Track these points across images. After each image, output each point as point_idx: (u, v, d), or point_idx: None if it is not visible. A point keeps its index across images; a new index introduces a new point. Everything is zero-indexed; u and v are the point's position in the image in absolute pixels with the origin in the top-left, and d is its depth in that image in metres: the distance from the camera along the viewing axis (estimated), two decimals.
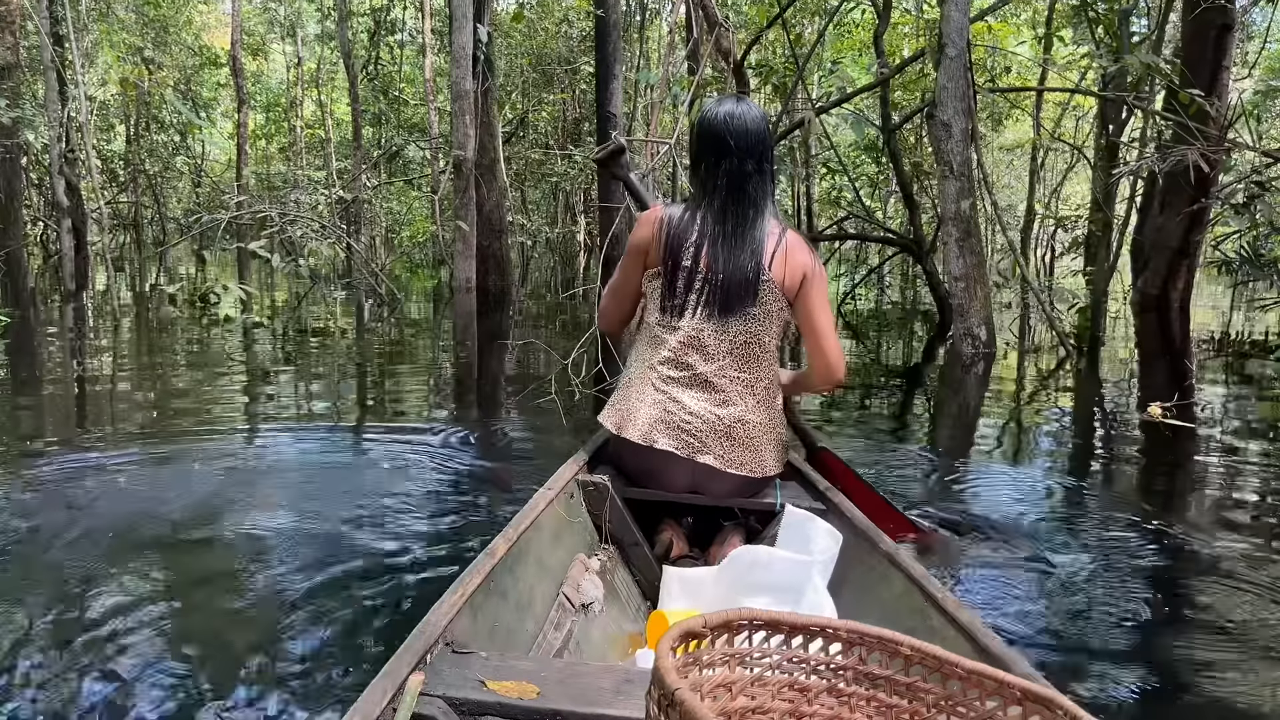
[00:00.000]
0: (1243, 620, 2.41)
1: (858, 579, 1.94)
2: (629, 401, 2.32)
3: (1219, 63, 9.44)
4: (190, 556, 2.78)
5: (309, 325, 8.52)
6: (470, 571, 1.62)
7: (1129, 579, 2.68)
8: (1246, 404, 5.62)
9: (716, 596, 1.90)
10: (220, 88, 27.94)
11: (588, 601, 1.97)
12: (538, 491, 2.12)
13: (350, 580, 2.55)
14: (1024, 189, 20.85)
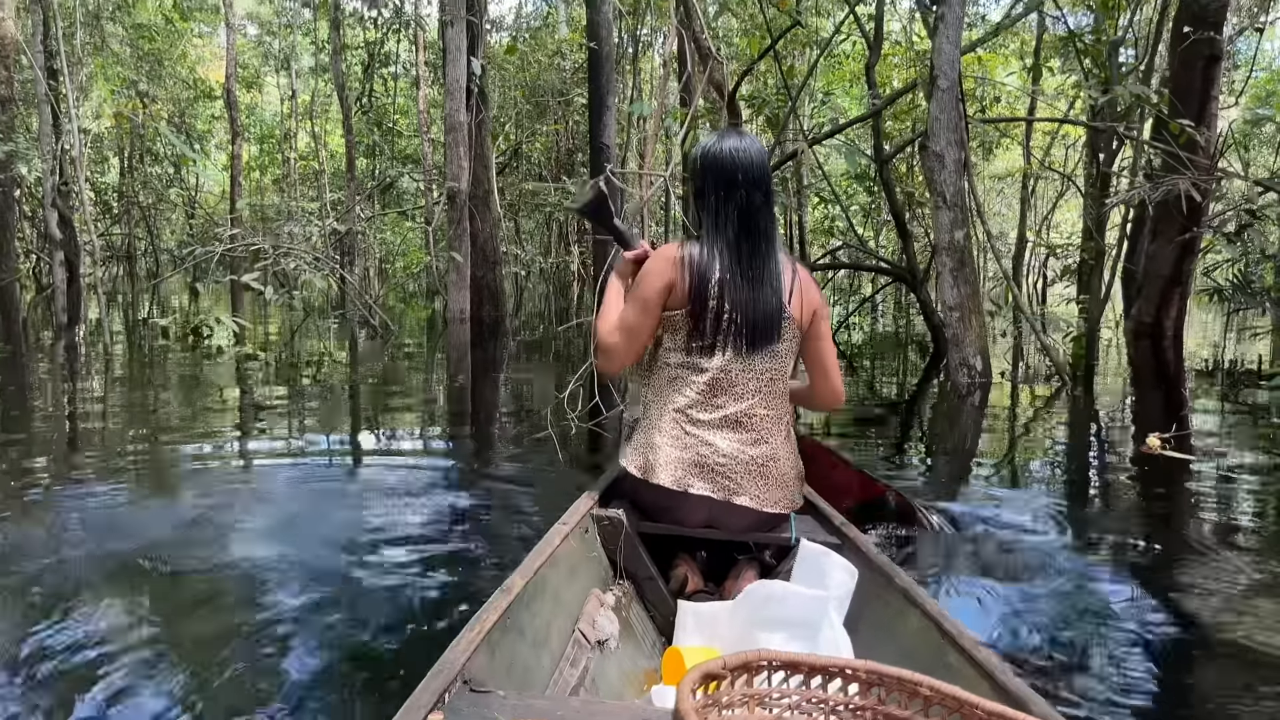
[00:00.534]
0: (1239, 651, 2.38)
1: (874, 615, 1.93)
2: (654, 446, 2.27)
3: (1207, 93, 9.52)
4: (185, 591, 2.74)
5: (302, 357, 8.49)
6: (487, 609, 1.63)
7: (1124, 605, 2.66)
8: (1242, 433, 5.61)
9: (732, 632, 1.89)
10: (215, 120, 28.09)
11: (603, 638, 1.96)
12: (553, 527, 2.12)
13: (349, 615, 2.52)
14: (1015, 216, 21.00)
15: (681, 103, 13.20)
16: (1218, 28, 9.22)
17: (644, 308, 2.26)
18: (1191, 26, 8.87)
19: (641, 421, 2.35)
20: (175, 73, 23.39)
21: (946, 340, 7.26)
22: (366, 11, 19.38)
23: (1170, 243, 9.71)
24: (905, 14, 18.04)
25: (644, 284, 2.25)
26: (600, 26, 12.86)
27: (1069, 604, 2.72)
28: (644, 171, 5.75)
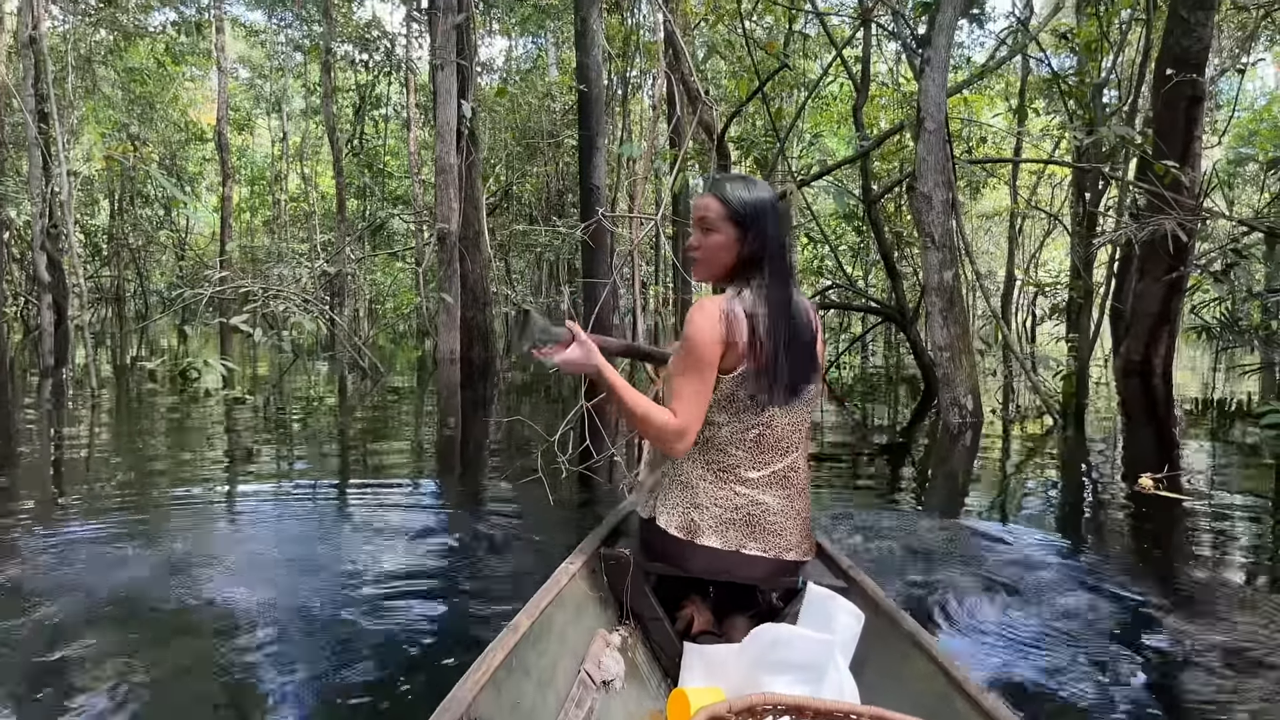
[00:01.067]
0: (1232, 693, 2.35)
1: (880, 659, 1.92)
2: (699, 506, 2.15)
3: (1190, 133, 9.63)
4: (173, 635, 2.71)
5: (291, 399, 8.43)
6: (493, 647, 1.64)
7: (1112, 641, 2.62)
8: (1234, 472, 5.60)
9: (738, 675, 1.88)
10: (206, 162, 28.18)
11: (609, 678, 1.96)
12: (560, 566, 2.12)
13: (341, 656, 2.52)
14: (1003, 255, 21.13)
15: (671, 144, 13.30)
16: (1199, 69, 9.36)
17: (705, 373, 2.09)
18: (1174, 68, 9.00)
19: (674, 479, 2.21)
20: (167, 115, 23.50)
21: (937, 379, 7.26)
22: (358, 55, 19.56)
23: (1157, 281, 9.77)
24: (891, 56, 18.29)
25: (700, 349, 2.07)
26: (590, 69, 12.97)
27: (1066, 644, 2.68)
28: (634, 214, 5.76)
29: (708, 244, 2.21)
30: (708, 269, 2.24)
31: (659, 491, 2.23)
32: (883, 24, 10.79)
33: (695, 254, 2.24)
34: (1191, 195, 8.31)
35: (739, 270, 2.21)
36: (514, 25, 20.71)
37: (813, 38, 16.86)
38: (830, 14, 12.24)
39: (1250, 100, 22.64)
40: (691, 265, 2.29)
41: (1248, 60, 13.83)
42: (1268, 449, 6.24)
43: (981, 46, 19.01)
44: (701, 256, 2.23)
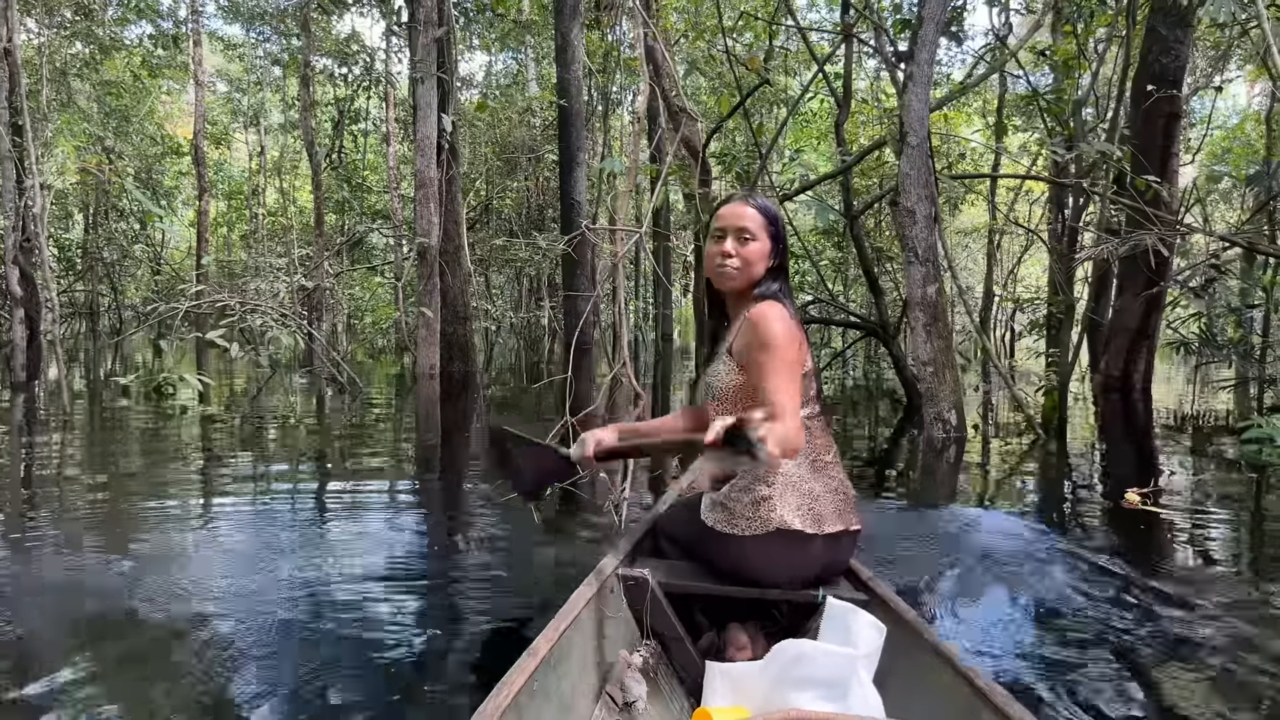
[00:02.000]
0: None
1: (903, 671, 1.90)
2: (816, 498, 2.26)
3: (1168, 149, 9.72)
4: (141, 650, 2.63)
5: (268, 415, 8.31)
6: (513, 672, 1.63)
7: (1104, 655, 2.59)
8: (1217, 487, 5.60)
9: (761, 693, 1.87)
10: (182, 176, 27.97)
11: (632, 700, 1.96)
12: (578, 588, 2.11)
13: (311, 677, 2.43)
14: (981, 270, 21.28)
15: (652, 159, 13.29)
16: (1177, 86, 9.44)
17: (796, 371, 2.17)
18: (1153, 85, 9.08)
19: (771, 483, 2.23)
20: (142, 129, 23.34)
21: (920, 394, 7.25)
22: (337, 69, 19.49)
23: (1137, 297, 9.82)
24: (871, 72, 18.42)
25: (788, 350, 2.15)
26: (570, 84, 13.00)
27: (1058, 661, 2.65)
28: (617, 227, 5.71)
29: (746, 253, 2.30)
30: (743, 277, 2.32)
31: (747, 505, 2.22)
32: (864, 40, 10.84)
33: (730, 262, 2.30)
34: (1170, 211, 8.37)
35: (764, 279, 2.31)
36: (494, 40, 20.70)
37: (794, 54, 16.96)
38: (811, 30, 12.29)
39: (1223, 118, 22.96)
40: (721, 275, 2.34)
41: (1221, 78, 14.00)
42: (1248, 464, 6.26)
43: (961, 63, 19.19)
44: (738, 265, 2.30)
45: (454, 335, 12.51)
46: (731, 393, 2.28)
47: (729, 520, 2.23)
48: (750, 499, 2.22)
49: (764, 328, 2.15)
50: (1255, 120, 19.29)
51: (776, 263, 2.34)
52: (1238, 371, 10.45)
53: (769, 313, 2.18)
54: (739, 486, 2.23)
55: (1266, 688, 2.54)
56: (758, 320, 2.17)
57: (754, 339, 2.17)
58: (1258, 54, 11.69)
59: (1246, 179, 9.60)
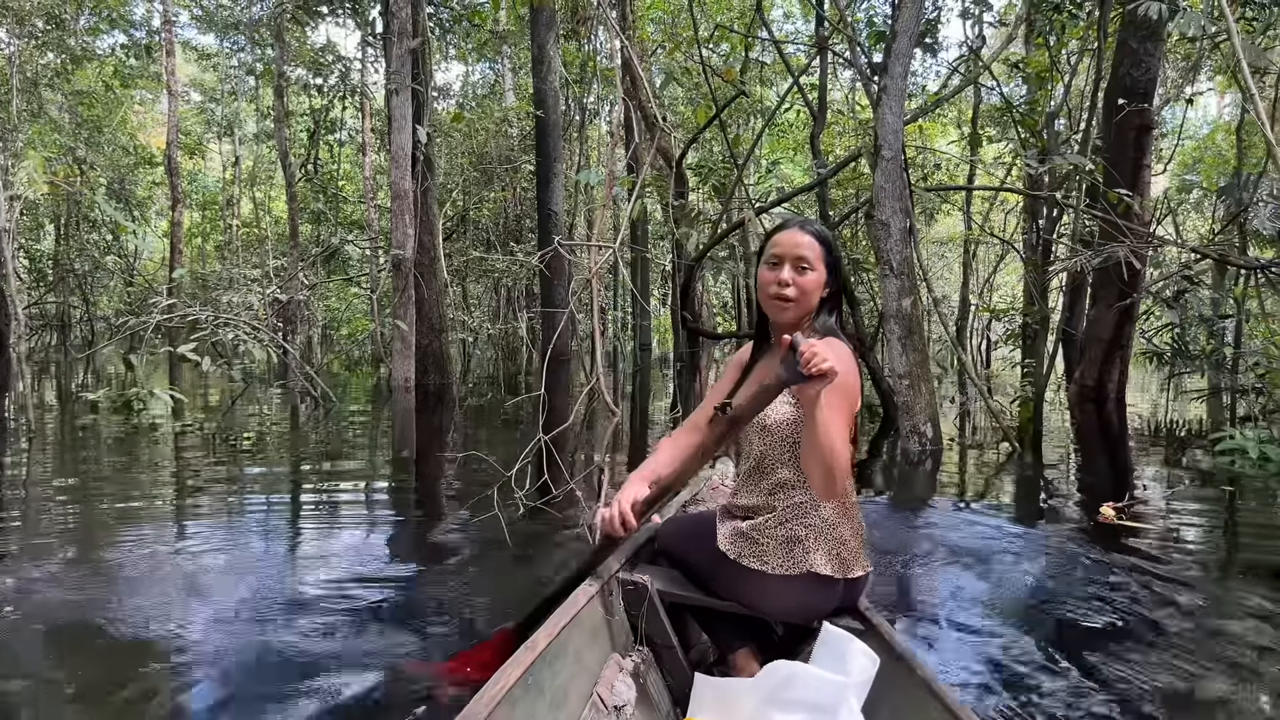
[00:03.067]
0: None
1: (893, 703, 1.91)
2: (843, 542, 2.21)
3: (1139, 161, 9.79)
4: (112, 668, 2.56)
5: (241, 429, 8.21)
6: (510, 665, 1.68)
7: (1075, 673, 2.57)
8: (1192, 499, 5.62)
9: (748, 710, 1.89)
10: (155, 186, 27.71)
11: (620, 704, 1.99)
12: (579, 587, 2.16)
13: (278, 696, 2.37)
14: (956, 281, 21.39)
15: (629, 170, 13.28)
16: (1148, 98, 9.52)
17: (851, 419, 2.17)
18: (1124, 98, 9.15)
19: (806, 524, 2.18)
20: (115, 139, 23.10)
21: (896, 407, 7.25)
22: (311, 79, 19.38)
23: (1110, 308, 9.88)
24: (846, 83, 18.50)
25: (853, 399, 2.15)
26: (547, 95, 12.98)
27: (1033, 680, 2.63)
28: (592, 243, 5.68)
29: (803, 283, 2.22)
30: (799, 309, 2.24)
31: (780, 543, 2.17)
32: (838, 52, 10.89)
33: (787, 292, 2.22)
34: (1143, 222, 8.43)
35: (819, 309, 2.27)
36: (470, 51, 20.66)
37: (769, 65, 17.01)
38: (786, 42, 12.34)
39: (1194, 129, 23.22)
40: (777, 306, 2.25)
41: (1191, 91, 14.16)
42: (1222, 477, 6.29)
43: (935, 75, 19.32)
44: (797, 295, 2.22)
45: (430, 347, 12.43)
46: (783, 426, 2.19)
47: (757, 555, 2.17)
48: (784, 536, 2.17)
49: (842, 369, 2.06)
50: (1226, 131, 19.52)
51: (831, 292, 2.28)
52: (1210, 381, 10.54)
53: (840, 354, 2.10)
54: (772, 521, 2.18)
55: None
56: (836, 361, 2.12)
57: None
58: (1227, 66, 11.84)
59: (1218, 190, 9.71)
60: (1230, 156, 16.39)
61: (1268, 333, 9.23)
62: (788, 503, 2.19)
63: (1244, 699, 2.62)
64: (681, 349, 15.92)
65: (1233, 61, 6.67)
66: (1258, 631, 3.18)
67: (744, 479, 2.30)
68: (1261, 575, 3.88)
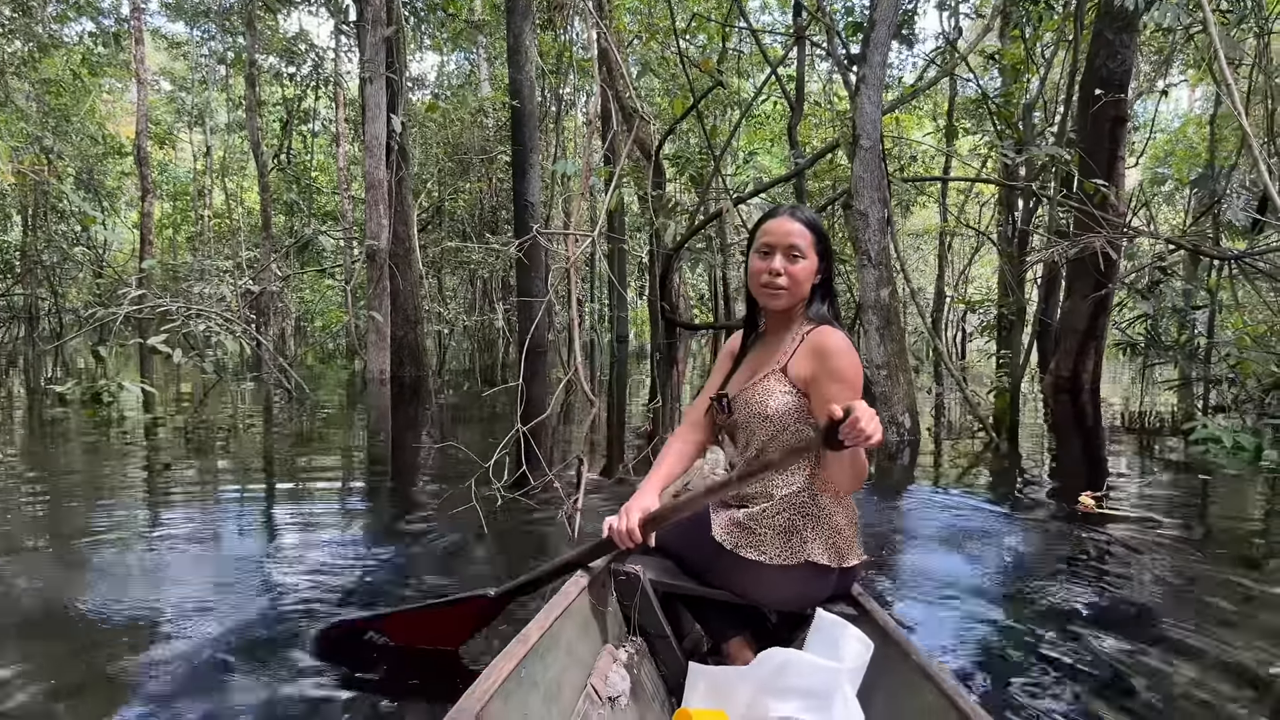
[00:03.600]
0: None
1: (888, 688, 1.91)
2: (839, 532, 2.20)
3: (1114, 152, 9.85)
4: (85, 661, 2.48)
5: (213, 422, 8.10)
6: (503, 657, 1.68)
7: (1060, 665, 2.57)
8: (1167, 487, 5.65)
9: (743, 698, 1.88)
10: (125, 176, 27.32)
11: (614, 694, 1.98)
12: (571, 578, 2.16)
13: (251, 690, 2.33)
14: (932, 272, 21.48)
15: (606, 161, 13.21)
16: (1123, 90, 9.57)
17: None
18: (1099, 89, 9.19)
19: (804, 514, 2.17)
20: (83, 128, 22.74)
21: (874, 397, 7.25)
22: (284, 68, 19.16)
23: (1085, 299, 9.94)
24: (824, 75, 18.51)
25: (858, 387, 2.12)
26: (523, 85, 12.87)
27: (1015, 672, 2.62)
28: (570, 232, 5.63)
29: (795, 271, 2.22)
30: (790, 297, 2.24)
31: (778, 533, 2.16)
32: (816, 43, 10.87)
33: (779, 280, 2.22)
34: (1117, 213, 8.47)
35: (812, 297, 2.26)
36: (445, 40, 20.48)
37: (747, 56, 16.98)
38: (764, 33, 12.30)
39: (1166, 122, 23.42)
40: (768, 294, 2.25)
41: (1165, 83, 14.26)
42: (1195, 464, 6.33)
43: (912, 67, 19.35)
44: (789, 284, 2.22)
45: (405, 339, 12.33)
46: (783, 415, 2.18)
47: (755, 545, 2.16)
48: (782, 525, 2.16)
49: (840, 363, 2.09)
50: (1198, 124, 19.70)
51: (823, 279, 2.28)
52: (1182, 372, 10.62)
53: (841, 345, 2.12)
54: (769, 511, 2.17)
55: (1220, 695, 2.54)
56: (833, 354, 2.11)
57: (830, 372, 2.10)
58: (1200, 59, 11.92)
59: (1190, 183, 9.77)
60: (1202, 149, 16.54)
61: (1240, 323, 9.31)
62: (785, 492, 2.17)
63: (1216, 674, 2.63)
64: (659, 340, 15.90)
65: (1209, 53, 6.70)
66: (1230, 613, 3.21)
67: (742, 465, 2.28)
68: (1234, 560, 3.91)
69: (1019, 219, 10.80)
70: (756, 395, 2.21)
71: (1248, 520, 4.85)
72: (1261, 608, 3.36)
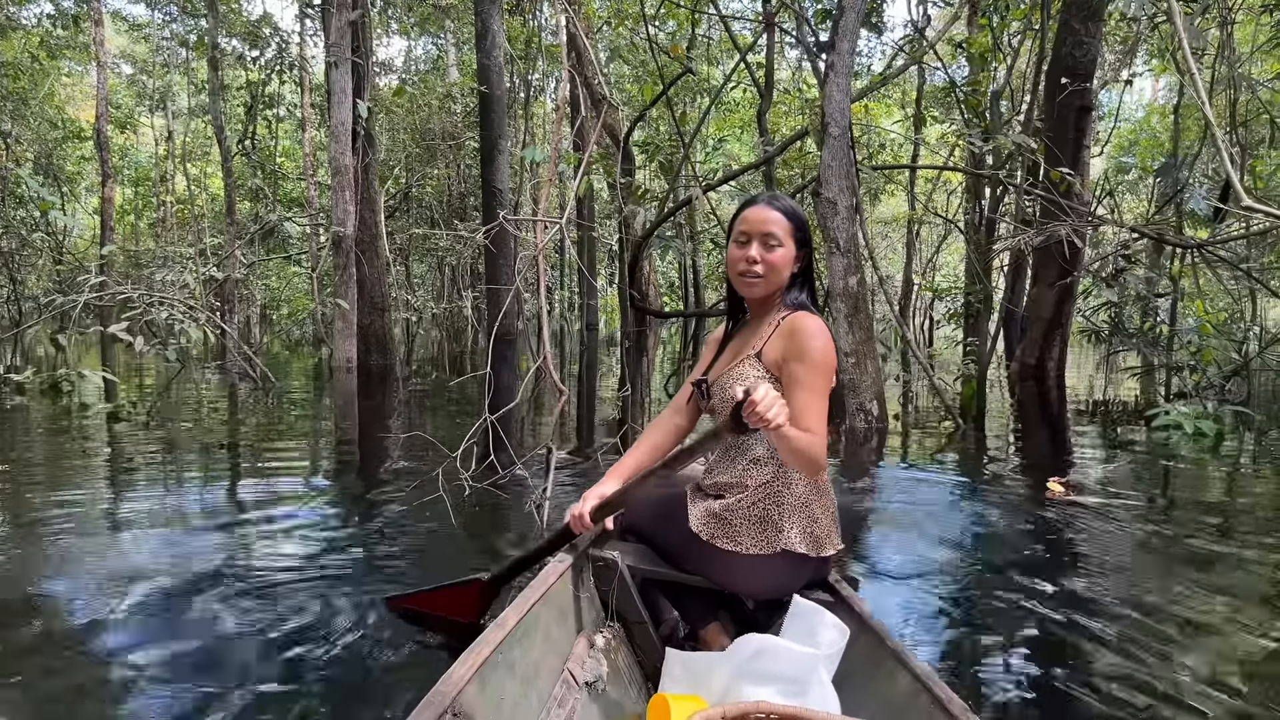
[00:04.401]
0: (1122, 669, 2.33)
1: (863, 674, 1.93)
2: (816, 520, 2.19)
3: (1079, 141, 9.93)
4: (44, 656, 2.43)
5: (176, 412, 7.98)
6: (480, 643, 1.68)
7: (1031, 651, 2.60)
8: (1130, 472, 5.72)
9: (720, 683, 1.89)
10: (85, 161, 26.83)
11: (591, 679, 2.00)
12: (548, 564, 2.17)
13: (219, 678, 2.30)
14: (900, 260, 21.60)
15: (575, 147, 13.15)
16: (1088, 79, 9.64)
17: (827, 395, 2.13)
18: (1065, 78, 9.25)
19: (780, 502, 2.16)
20: (42, 112, 22.29)
21: (843, 385, 7.27)
22: (248, 52, 18.87)
23: (1051, 287, 10.03)
24: (793, 62, 18.51)
25: (829, 373, 2.12)
26: (491, 71, 12.76)
27: (981, 659, 2.64)
28: (538, 218, 5.58)
29: (772, 259, 2.22)
30: (768, 285, 2.25)
31: (753, 523, 2.15)
32: (785, 30, 10.86)
33: (755, 268, 2.22)
34: (1082, 202, 8.54)
35: (790, 285, 2.25)
36: (413, 25, 20.27)
37: (716, 44, 16.94)
38: (733, 19, 12.27)
39: (1129, 112, 23.67)
40: (745, 282, 2.26)
41: (1129, 73, 14.38)
42: (1158, 451, 6.42)
43: (881, 55, 19.42)
44: (765, 272, 2.22)
45: (372, 327, 12.23)
46: None
47: (731, 536, 2.16)
48: (757, 516, 2.16)
49: (809, 344, 2.08)
50: (1161, 114, 19.91)
51: (802, 267, 2.27)
52: (1145, 359, 10.76)
53: (813, 328, 2.11)
54: (745, 501, 2.17)
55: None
56: (803, 335, 2.10)
57: (796, 352, 2.10)
58: (1164, 49, 12.04)
59: (1154, 171, 9.89)
60: (1165, 139, 16.73)
61: (1201, 311, 9.44)
62: (760, 480, 2.17)
63: (1179, 648, 2.67)
64: (629, 328, 15.88)
65: (1173, 42, 6.76)
66: (1190, 585, 3.27)
67: (718, 456, 2.29)
68: (1192, 540, 3.96)
69: (986, 207, 10.87)
70: (732, 380, 2.21)
71: (1207, 503, 4.92)
72: (1220, 579, 3.42)
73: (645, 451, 2.44)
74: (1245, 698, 2.46)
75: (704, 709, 1.46)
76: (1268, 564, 3.69)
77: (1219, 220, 8.06)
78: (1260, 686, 2.53)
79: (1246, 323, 11.02)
